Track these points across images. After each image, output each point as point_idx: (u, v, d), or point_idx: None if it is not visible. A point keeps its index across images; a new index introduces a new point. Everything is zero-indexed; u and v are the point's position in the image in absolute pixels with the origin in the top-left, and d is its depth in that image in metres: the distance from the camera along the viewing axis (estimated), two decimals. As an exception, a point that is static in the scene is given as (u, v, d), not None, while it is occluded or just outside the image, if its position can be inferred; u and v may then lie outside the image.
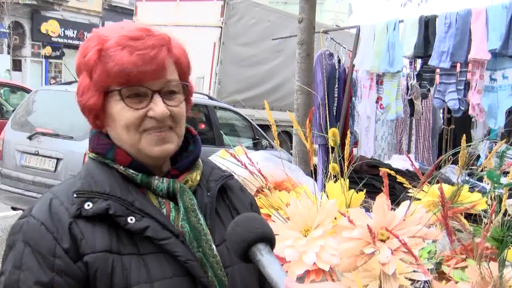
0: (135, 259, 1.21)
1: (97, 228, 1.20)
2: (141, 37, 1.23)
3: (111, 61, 1.22)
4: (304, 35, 5.18)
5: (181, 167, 1.35)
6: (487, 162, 2.49)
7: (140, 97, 1.25)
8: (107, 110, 1.28)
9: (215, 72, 12.49)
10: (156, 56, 1.23)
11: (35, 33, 25.30)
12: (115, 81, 1.23)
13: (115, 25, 1.31)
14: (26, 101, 7.52)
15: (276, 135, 2.17)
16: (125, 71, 1.21)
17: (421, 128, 6.90)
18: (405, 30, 5.02)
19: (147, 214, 1.24)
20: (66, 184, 1.30)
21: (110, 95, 1.26)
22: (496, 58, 4.39)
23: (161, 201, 1.30)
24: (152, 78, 1.24)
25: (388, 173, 2.30)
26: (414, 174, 3.97)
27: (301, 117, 4.94)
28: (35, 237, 1.19)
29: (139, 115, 1.25)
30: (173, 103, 1.29)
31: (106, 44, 1.24)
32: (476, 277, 1.81)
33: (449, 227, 1.49)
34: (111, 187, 1.25)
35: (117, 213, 1.21)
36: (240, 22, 12.90)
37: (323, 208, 2.18)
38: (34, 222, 1.21)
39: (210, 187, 1.40)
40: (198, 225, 1.29)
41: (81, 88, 1.30)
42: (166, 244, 1.23)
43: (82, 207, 1.20)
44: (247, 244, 1.09)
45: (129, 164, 1.29)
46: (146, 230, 1.22)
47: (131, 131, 1.26)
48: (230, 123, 9.88)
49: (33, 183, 6.57)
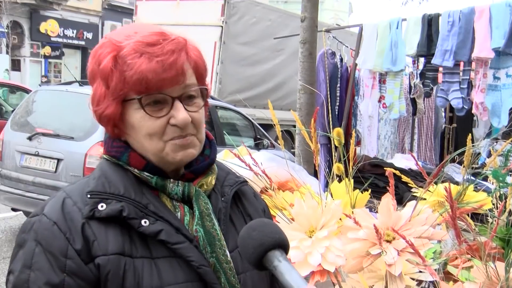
0: (147, 262, 1.19)
1: (110, 229, 1.19)
2: (158, 42, 1.20)
3: (129, 69, 1.19)
4: (307, 34, 5.17)
5: (196, 171, 1.33)
6: (492, 161, 2.48)
7: (160, 104, 1.23)
8: (126, 118, 1.25)
9: (216, 72, 12.48)
10: (176, 62, 1.20)
11: (34, 32, 25.29)
12: (133, 90, 1.20)
13: (127, 29, 1.28)
14: (26, 101, 7.50)
15: (280, 135, 2.15)
16: (145, 79, 1.18)
17: (424, 127, 6.89)
18: (408, 28, 5.00)
19: (161, 217, 1.22)
20: (79, 184, 1.28)
21: (129, 103, 1.23)
22: (499, 57, 4.37)
23: (176, 204, 1.28)
24: (172, 84, 1.21)
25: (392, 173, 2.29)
26: (417, 173, 3.97)
27: (304, 117, 4.93)
28: (47, 236, 1.17)
29: (161, 123, 1.23)
30: (193, 109, 1.27)
31: (122, 52, 1.20)
32: (482, 277, 1.79)
33: (457, 229, 1.47)
34: (125, 188, 1.23)
35: (130, 215, 1.19)
36: (241, 21, 12.88)
37: (328, 209, 2.16)
38: (47, 221, 1.19)
39: (225, 192, 1.39)
40: (213, 230, 1.27)
41: (96, 97, 1.26)
42: (180, 249, 1.21)
43: (96, 208, 1.19)
44: (264, 248, 1.06)
45: (143, 167, 1.27)
46: (160, 234, 1.20)
47: (154, 140, 1.24)
48: (231, 123, 9.87)
49: (33, 184, 6.55)
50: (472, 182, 2.20)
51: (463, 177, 2.34)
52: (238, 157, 2.00)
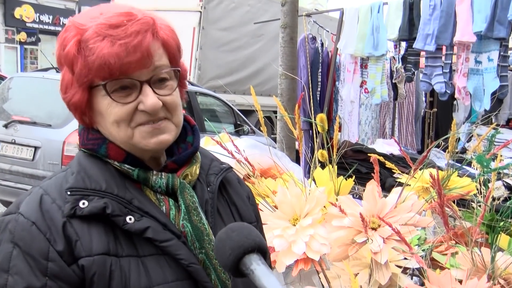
0: (134, 261, 1.13)
1: (93, 228, 1.11)
2: (121, 24, 1.12)
3: (91, 54, 1.11)
4: (288, 18, 5.11)
5: (179, 161, 1.25)
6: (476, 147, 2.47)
7: (128, 89, 1.15)
8: (94, 106, 1.18)
9: (195, 57, 12.38)
10: (140, 44, 1.12)
11: (8, 18, 24.77)
12: (97, 76, 1.13)
13: (93, 10, 1.19)
14: (1, 89, 7.36)
15: (263, 121, 2.10)
16: (107, 64, 1.10)
17: (404, 111, 6.92)
18: (390, 12, 4.99)
19: (146, 213, 1.15)
20: (56, 179, 1.20)
21: (95, 90, 1.16)
22: (481, 41, 4.38)
23: (160, 198, 1.21)
24: (138, 68, 1.13)
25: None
26: (399, 159, 3.96)
27: (286, 102, 4.89)
28: (25, 237, 1.09)
29: (128, 109, 1.15)
30: (165, 92, 1.19)
31: (85, 35, 1.12)
32: (468, 263, 1.78)
33: (445, 216, 1.44)
34: (107, 183, 1.16)
35: (114, 212, 1.12)
36: (220, 6, 12.79)
37: (312, 196, 2.13)
38: (24, 221, 1.11)
39: (210, 181, 1.32)
40: (200, 224, 1.22)
41: (64, 83, 1.19)
42: (168, 246, 1.15)
43: (77, 205, 1.11)
44: (243, 250, 1.00)
45: (123, 159, 1.19)
46: (146, 231, 1.13)
47: (122, 127, 1.16)
48: (211, 109, 9.82)
49: (10, 172, 6.44)
50: (458, 168, 2.18)
51: (448, 162, 2.33)
52: (220, 144, 1.94)
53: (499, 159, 2.24)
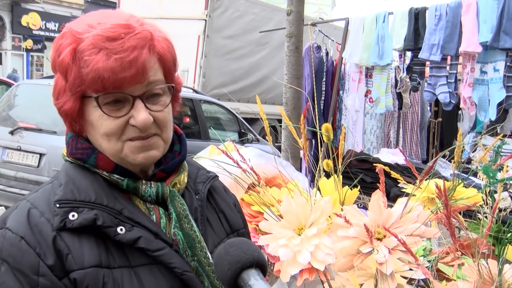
0: (126, 272, 1.12)
1: (84, 240, 1.10)
2: (119, 37, 1.10)
3: (85, 66, 1.09)
4: (293, 27, 5.12)
5: (168, 169, 1.25)
6: (482, 157, 2.46)
7: (120, 103, 1.14)
8: (85, 115, 1.17)
9: (200, 65, 12.44)
10: (136, 60, 1.10)
11: (15, 25, 24.93)
12: (90, 88, 1.12)
13: (91, 17, 1.18)
14: (8, 95, 7.39)
15: (268, 130, 2.10)
16: (101, 78, 1.09)
17: (409, 121, 6.89)
18: (395, 22, 4.98)
19: (137, 223, 1.14)
20: (43, 191, 1.18)
21: (87, 100, 1.15)
22: (487, 51, 4.37)
23: (150, 207, 1.20)
24: (132, 83, 1.12)
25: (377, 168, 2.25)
26: (404, 168, 3.95)
27: (290, 111, 4.89)
28: (14, 253, 1.07)
29: (119, 124, 1.14)
30: (157, 108, 1.18)
31: (81, 46, 1.11)
32: (475, 275, 1.76)
33: (452, 227, 1.43)
34: (97, 194, 1.14)
35: (105, 223, 1.11)
36: (225, 14, 12.84)
37: (317, 206, 2.12)
38: (12, 236, 1.08)
39: (198, 189, 1.33)
40: (192, 232, 1.21)
41: (56, 89, 1.18)
42: (161, 256, 1.14)
43: (66, 218, 1.09)
44: (241, 265, 0.99)
45: (112, 169, 1.18)
46: (138, 241, 1.12)
47: (112, 140, 1.16)
48: (215, 117, 9.84)
49: (15, 179, 6.46)
50: (464, 179, 2.17)
51: (453, 173, 2.32)
52: (226, 153, 1.94)
53: (505, 170, 2.23)
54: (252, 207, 2.34)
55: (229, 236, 1.37)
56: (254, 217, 2.33)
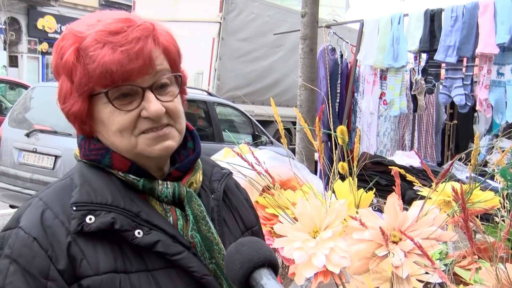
0: (144, 276, 1.09)
1: (98, 244, 1.07)
2: (121, 30, 1.09)
3: (91, 62, 1.08)
4: (307, 29, 5.11)
5: (183, 168, 1.23)
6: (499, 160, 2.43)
7: (129, 96, 1.12)
8: (95, 115, 1.16)
9: (214, 68, 12.47)
10: (142, 50, 1.09)
11: (31, 29, 25.18)
12: (99, 83, 1.10)
13: (90, 17, 1.17)
14: (24, 98, 7.45)
15: (283, 133, 2.09)
16: (109, 72, 1.07)
17: (424, 123, 6.85)
18: (410, 24, 4.94)
19: (155, 226, 1.12)
20: (55, 190, 1.16)
21: (96, 98, 1.13)
22: (504, 52, 4.33)
23: (166, 208, 1.18)
24: (140, 75, 1.11)
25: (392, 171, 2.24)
26: (419, 171, 3.92)
27: (305, 113, 4.89)
28: (25, 254, 1.05)
29: (131, 117, 1.13)
30: (167, 98, 1.16)
31: (83, 43, 1.10)
32: (492, 279, 1.74)
33: (470, 231, 1.41)
34: (113, 196, 1.11)
35: (123, 227, 1.08)
36: (239, 17, 12.87)
37: (333, 209, 2.11)
38: (25, 236, 1.06)
39: (214, 188, 1.30)
40: (209, 234, 1.19)
41: (62, 93, 1.17)
42: (180, 259, 1.12)
43: (84, 221, 1.06)
44: (253, 264, 0.97)
45: (128, 169, 1.16)
46: (156, 245, 1.10)
47: (125, 136, 1.14)
48: (229, 119, 9.84)
49: (31, 180, 6.51)
50: (481, 182, 2.15)
51: (470, 175, 2.30)
52: (241, 156, 1.94)
53: (523, 173, 2.21)
54: (267, 210, 2.33)
55: (243, 234, 1.35)
56: (269, 220, 2.32)
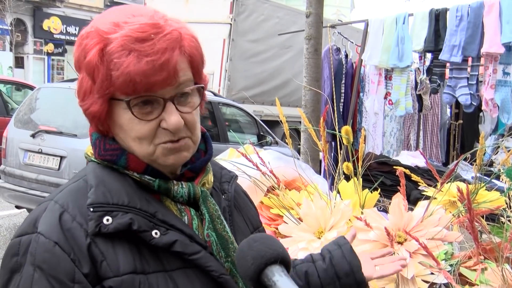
0: (161, 277, 1.09)
1: (117, 245, 1.07)
2: (149, 38, 1.07)
3: (115, 69, 1.06)
4: (312, 29, 5.10)
5: (196, 169, 1.23)
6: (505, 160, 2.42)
7: (150, 104, 1.11)
8: (113, 118, 1.14)
9: (225, 69, 12.54)
10: (168, 62, 1.07)
11: (37, 30, 25.26)
12: (120, 90, 1.08)
13: (115, 14, 1.13)
14: (29, 99, 7.47)
15: (288, 133, 2.09)
16: (132, 82, 1.06)
17: (429, 123, 6.83)
18: (415, 23, 4.92)
19: (171, 226, 1.11)
20: (70, 192, 1.14)
21: (116, 102, 1.12)
22: (510, 52, 4.30)
23: (181, 208, 1.17)
24: (163, 86, 1.09)
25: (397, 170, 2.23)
26: (424, 171, 3.91)
27: (309, 114, 4.88)
28: (49, 259, 1.03)
29: (151, 127, 1.12)
30: (187, 109, 1.15)
31: (109, 47, 1.07)
32: (498, 280, 1.74)
33: (476, 231, 1.41)
34: (129, 197, 1.11)
35: (141, 228, 1.07)
36: (249, 18, 12.91)
37: (337, 209, 2.11)
38: (46, 241, 1.04)
39: (225, 189, 1.31)
40: (224, 233, 1.19)
41: (82, 90, 1.14)
42: (198, 259, 1.11)
43: (101, 222, 1.06)
44: (265, 261, 0.97)
45: (143, 170, 1.15)
46: (174, 245, 1.09)
47: (144, 144, 1.13)
48: (235, 119, 9.85)
49: (37, 181, 6.53)
50: (487, 182, 2.14)
51: (475, 175, 2.29)
52: (246, 156, 1.94)
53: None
54: (272, 210, 2.33)
55: (252, 234, 1.35)
56: (274, 220, 2.32)
